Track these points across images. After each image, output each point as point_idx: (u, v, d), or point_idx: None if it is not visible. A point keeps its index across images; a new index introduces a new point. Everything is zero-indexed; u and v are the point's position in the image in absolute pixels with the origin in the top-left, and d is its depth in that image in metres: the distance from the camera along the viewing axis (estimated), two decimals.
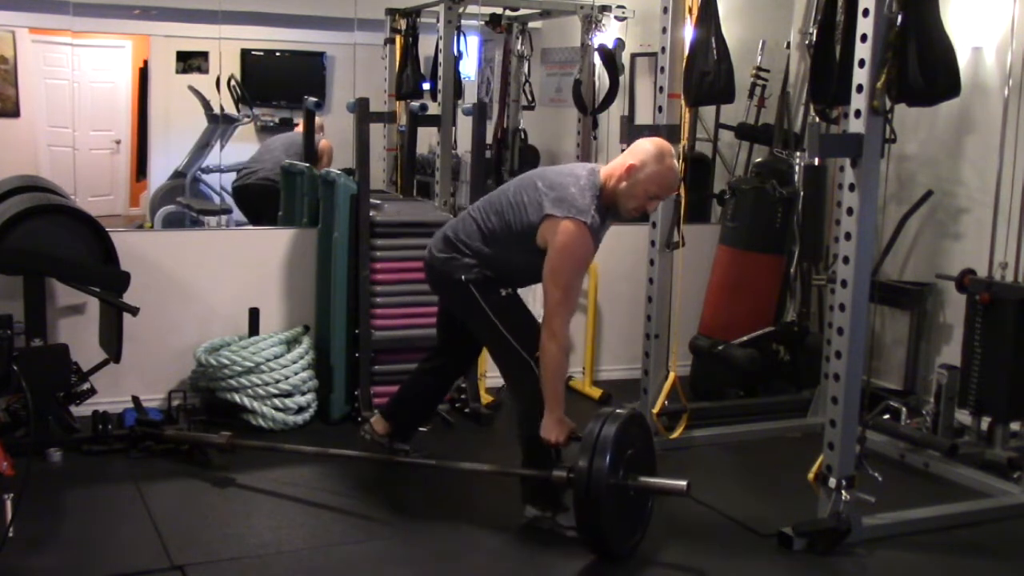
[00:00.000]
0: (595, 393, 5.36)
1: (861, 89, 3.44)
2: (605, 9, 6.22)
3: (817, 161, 5.00)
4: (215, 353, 4.61)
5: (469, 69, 6.42)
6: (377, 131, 6.13)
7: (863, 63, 3.43)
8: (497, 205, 3.68)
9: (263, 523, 3.71)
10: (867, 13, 3.41)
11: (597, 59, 6.19)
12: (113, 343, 4.27)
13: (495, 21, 6.45)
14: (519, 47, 6.68)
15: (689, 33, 4.40)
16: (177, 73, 7.02)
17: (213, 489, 3.98)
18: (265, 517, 3.76)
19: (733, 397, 5.28)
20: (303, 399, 4.67)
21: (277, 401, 4.59)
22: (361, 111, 4.86)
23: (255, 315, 4.81)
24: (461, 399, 4.92)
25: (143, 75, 7.24)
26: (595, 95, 6.33)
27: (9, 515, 3.02)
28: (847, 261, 3.52)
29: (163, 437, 4.26)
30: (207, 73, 6.80)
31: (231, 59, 6.90)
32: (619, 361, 5.68)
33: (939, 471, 4.40)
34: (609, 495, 3.31)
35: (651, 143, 3.62)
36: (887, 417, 4.68)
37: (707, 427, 4.76)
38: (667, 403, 4.51)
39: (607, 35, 6.22)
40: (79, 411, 4.36)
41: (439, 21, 5.61)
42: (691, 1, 4.38)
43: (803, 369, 5.32)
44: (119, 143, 7.32)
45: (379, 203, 4.89)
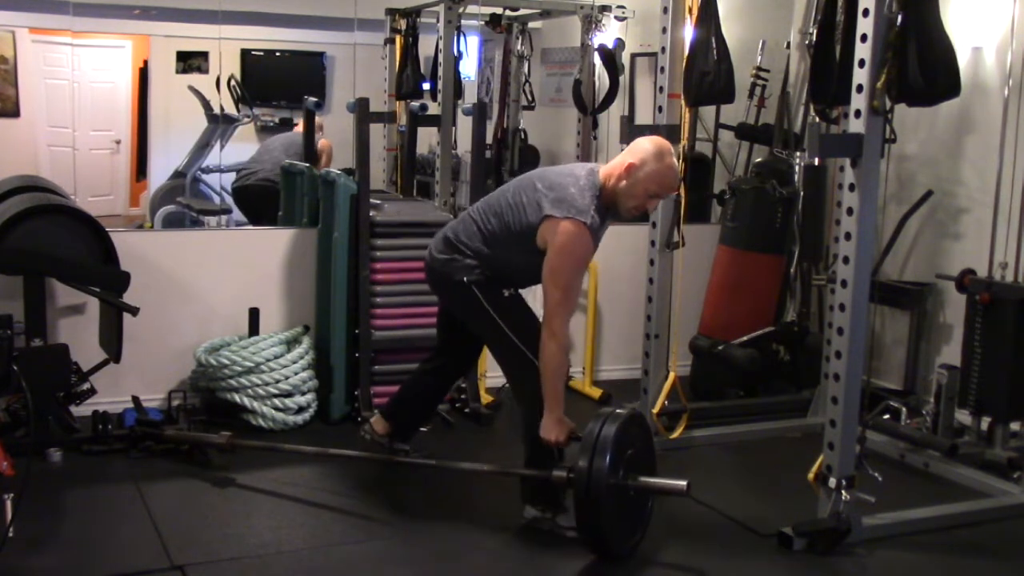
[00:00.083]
0: (595, 393, 5.36)
1: (861, 89, 3.44)
2: (605, 9, 6.22)
3: (817, 161, 5.00)
4: (215, 353, 4.61)
5: (469, 69, 6.42)
6: (377, 131, 6.13)
7: (863, 63, 3.43)
8: (496, 206, 3.68)
9: (263, 523, 3.71)
10: (867, 13, 3.41)
11: (597, 59, 6.19)
12: (113, 343, 4.27)
13: (495, 21, 6.45)
14: (519, 47, 6.67)
15: (689, 33, 4.39)
16: (177, 73, 7.02)
17: (213, 489, 3.98)
18: (265, 517, 3.76)
19: (733, 397, 5.28)
20: (303, 399, 4.67)
21: (277, 401, 4.59)
22: (361, 111, 4.86)
23: (255, 315, 4.81)
24: (461, 399, 4.92)
25: (143, 75, 7.24)
26: (595, 95, 6.33)
27: (9, 515, 3.02)
28: (847, 261, 3.52)
29: (163, 437, 4.26)
30: (207, 73, 6.80)
31: (231, 59, 6.90)
32: (619, 361, 5.68)
33: (939, 471, 4.40)
34: (609, 495, 3.31)
35: (650, 142, 3.61)
36: (887, 417, 4.68)
37: (707, 427, 4.76)
38: (667, 403, 4.51)
39: (607, 35, 6.22)
40: (79, 411, 4.36)
41: (439, 21, 5.61)
42: (691, 1, 4.38)
43: (803, 369, 5.32)
44: (119, 143, 7.31)
45: (379, 203, 4.89)
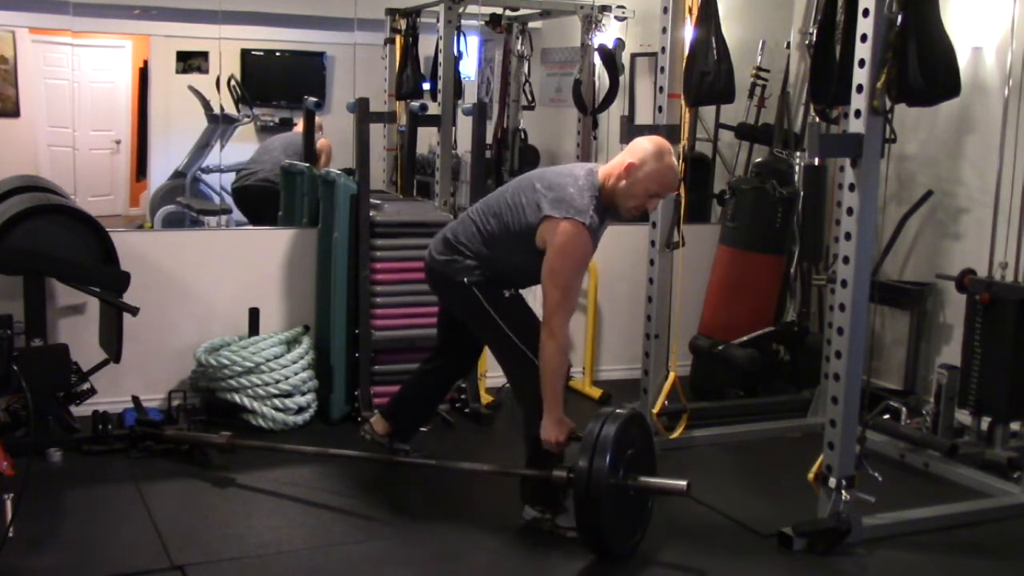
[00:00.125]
0: (595, 393, 5.36)
1: (861, 89, 3.44)
2: (605, 9, 6.21)
3: (817, 161, 4.99)
4: (215, 353, 4.61)
5: (469, 69, 6.41)
6: (377, 131, 6.13)
7: (863, 63, 3.43)
8: (496, 207, 3.67)
9: (263, 523, 3.71)
10: (867, 13, 3.41)
11: (597, 59, 6.19)
12: (113, 343, 4.27)
13: (495, 21, 6.45)
14: (519, 47, 6.67)
15: (689, 33, 4.39)
16: (177, 73, 7.02)
17: (213, 489, 3.98)
18: (265, 517, 3.76)
19: (733, 397, 5.28)
20: (303, 399, 4.67)
21: (277, 401, 4.59)
22: (361, 111, 4.86)
23: (255, 315, 4.81)
24: (461, 399, 4.92)
25: (143, 75, 7.24)
26: (595, 95, 6.33)
27: (9, 515, 3.02)
28: (847, 261, 3.52)
29: (163, 437, 4.25)
30: (207, 73, 6.80)
31: (231, 59, 6.90)
32: (619, 361, 5.67)
33: (939, 471, 4.40)
34: (609, 495, 3.31)
35: (650, 141, 3.61)
36: (887, 417, 4.68)
37: (707, 427, 4.76)
38: (667, 403, 4.51)
39: (607, 35, 6.22)
40: (79, 411, 4.36)
41: (439, 21, 5.61)
42: (691, 1, 4.38)
43: (803, 369, 5.32)
44: (119, 143, 7.31)
45: (379, 203, 4.89)
